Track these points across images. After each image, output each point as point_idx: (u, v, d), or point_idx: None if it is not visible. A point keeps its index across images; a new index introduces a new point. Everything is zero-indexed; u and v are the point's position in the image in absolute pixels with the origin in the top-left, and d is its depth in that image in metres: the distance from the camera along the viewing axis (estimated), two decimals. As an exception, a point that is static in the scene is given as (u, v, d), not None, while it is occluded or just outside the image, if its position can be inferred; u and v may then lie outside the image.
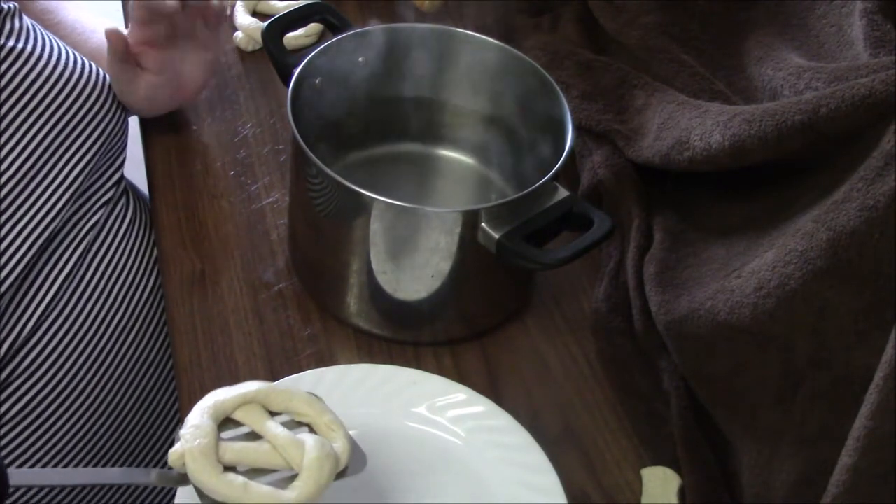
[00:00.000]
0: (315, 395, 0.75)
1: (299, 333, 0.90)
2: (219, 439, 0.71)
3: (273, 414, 0.74)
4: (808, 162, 0.82)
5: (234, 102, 1.09)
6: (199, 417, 0.72)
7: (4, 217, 0.87)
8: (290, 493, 0.69)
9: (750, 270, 0.78)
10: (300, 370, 0.84)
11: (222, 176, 1.02)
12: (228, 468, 0.70)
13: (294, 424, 0.74)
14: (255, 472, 0.71)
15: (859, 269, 0.70)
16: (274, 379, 0.82)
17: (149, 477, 0.70)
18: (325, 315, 0.92)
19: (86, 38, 1.03)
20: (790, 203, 0.81)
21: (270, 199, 1.00)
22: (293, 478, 0.71)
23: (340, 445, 0.73)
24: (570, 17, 1.12)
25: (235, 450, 0.71)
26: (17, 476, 0.65)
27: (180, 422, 0.72)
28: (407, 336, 0.91)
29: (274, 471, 0.71)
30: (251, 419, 0.73)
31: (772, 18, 0.99)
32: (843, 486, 0.64)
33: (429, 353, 0.90)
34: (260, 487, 0.69)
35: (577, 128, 0.90)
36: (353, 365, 0.85)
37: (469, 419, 0.82)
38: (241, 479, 0.69)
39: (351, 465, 0.73)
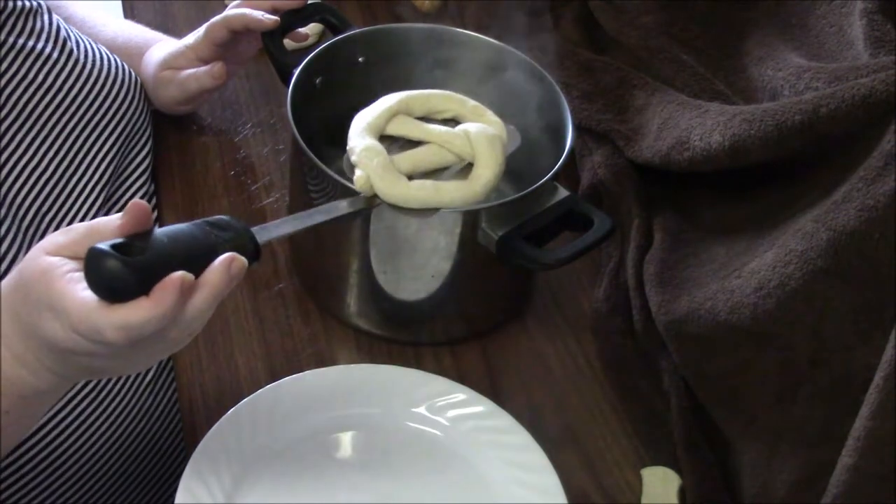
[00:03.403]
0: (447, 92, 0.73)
1: (299, 333, 0.90)
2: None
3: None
4: (808, 162, 0.82)
5: (234, 102, 1.09)
6: (363, 139, 0.70)
7: (47, 219, 0.88)
8: (477, 180, 0.69)
9: (750, 270, 0.78)
10: (300, 370, 0.84)
11: (222, 176, 1.02)
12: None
13: (439, 123, 0.72)
14: (426, 176, 0.70)
15: (859, 269, 0.70)
16: (274, 379, 0.82)
17: (341, 208, 0.71)
18: (325, 315, 0.92)
19: (97, 32, 1.04)
20: (790, 203, 0.81)
21: (270, 199, 1.00)
22: (465, 169, 0.69)
23: (496, 124, 0.71)
24: (570, 17, 1.12)
25: (407, 158, 0.70)
26: (262, 234, 0.67)
27: (182, 428, 0.72)
28: (407, 336, 0.91)
29: (444, 169, 0.70)
30: (406, 129, 0.71)
31: (772, 18, 0.99)
32: (843, 486, 0.65)
33: (429, 353, 0.90)
34: (449, 184, 0.69)
35: (577, 128, 0.90)
36: (353, 365, 0.85)
37: (469, 419, 0.82)
38: (429, 182, 0.68)
39: (509, 141, 0.72)
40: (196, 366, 0.88)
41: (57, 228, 0.87)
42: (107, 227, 0.64)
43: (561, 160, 0.85)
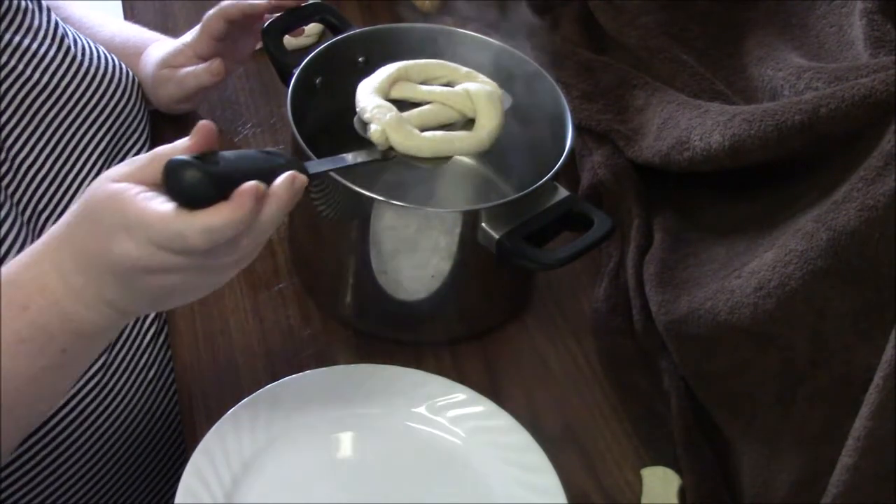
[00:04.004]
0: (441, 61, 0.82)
1: (299, 333, 0.90)
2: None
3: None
4: (808, 162, 0.82)
5: (234, 102, 1.09)
6: (372, 99, 0.76)
7: (45, 215, 0.88)
8: (483, 130, 0.78)
9: (750, 270, 0.78)
10: (300, 370, 0.84)
11: (222, 176, 1.02)
12: None
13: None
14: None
15: (859, 269, 0.70)
16: (274, 379, 0.82)
17: (357, 158, 0.76)
18: (325, 315, 0.92)
19: (95, 32, 1.05)
20: (790, 203, 0.81)
21: (270, 199, 1.00)
22: (466, 125, 0.76)
23: (490, 84, 0.78)
24: (570, 17, 1.12)
25: (415, 116, 0.77)
26: (311, 166, 0.71)
27: (182, 428, 0.72)
28: (407, 336, 0.91)
29: (448, 125, 0.77)
30: (409, 92, 0.79)
31: (772, 18, 0.99)
32: (843, 486, 0.65)
33: (429, 353, 0.90)
34: (458, 134, 0.77)
35: (577, 128, 0.90)
36: (354, 365, 0.85)
37: (469, 419, 0.82)
38: (440, 133, 0.77)
39: (504, 99, 0.79)
40: (196, 366, 0.88)
41: (55, 222, 0.88)
42: (174, 150, 0.67)
43: (561, 160, 0.85)
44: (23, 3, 0.90)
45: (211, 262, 0.67)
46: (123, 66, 0.98)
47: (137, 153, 0.99)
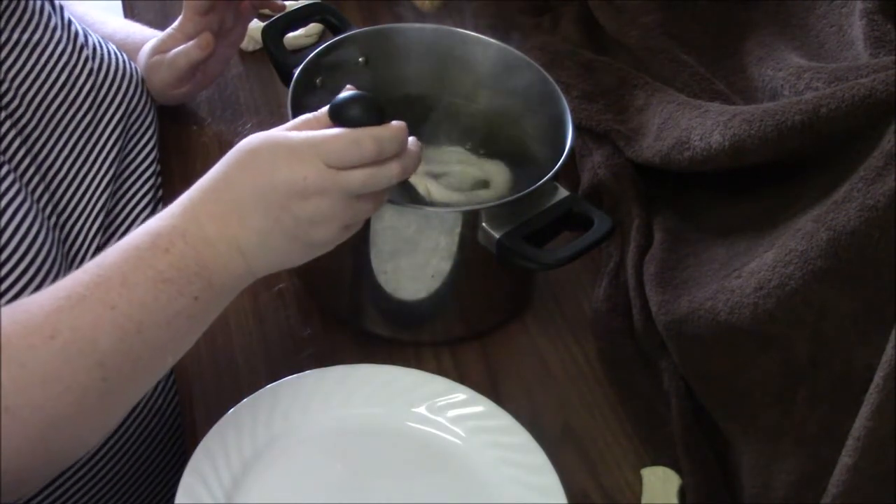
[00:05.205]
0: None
1: (299, 333, 0.90)
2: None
3: None
4: (808, 162, 0.82)
5: (234, 102, 1.09)
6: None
7: (63, 216, 0.89)
8: (497, 189, 0.93)
9: (750, 270, 0.78)
10: (300, 370, 0.83)
11: (222, 176, 1.02)
12: None
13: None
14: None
15: (859, 269, 0.70)
16: (274, 379, 0.82)
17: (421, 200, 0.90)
18: (325, 315, 0.92)
19: (96, 28, 1.05)
20: (790, 203, 0.81)
21: (270, 199, 1.00)
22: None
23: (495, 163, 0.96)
24: (570, 17, 1.12)
25: (446, 182, 0.93)
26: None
27: (182, 428, 0.72)
28: (407, 336, 0.91)
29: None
30: (430, 165, 0.95)
31: (772, 18, 0.99)
32: (843, 486, 0.65)
33: (429, 353, 0.90)
34: (479, 194, 0.92)
35: (577, 128, 0.90)
36: (354, 365, 0.85)
37: (469, 419, 0.82)
38: (464, 194, 0.92)
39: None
40: (196, 366, 0.88)
41: (70, 223, 0.89)
42: (322, 111, 0.75)
43: (561, 160, 0.85)
44: (38, 3, 0.90)
45: (369, 175, 0.72)
46: (131, 62, 0.99)
47: (147, 147, 0.99)
